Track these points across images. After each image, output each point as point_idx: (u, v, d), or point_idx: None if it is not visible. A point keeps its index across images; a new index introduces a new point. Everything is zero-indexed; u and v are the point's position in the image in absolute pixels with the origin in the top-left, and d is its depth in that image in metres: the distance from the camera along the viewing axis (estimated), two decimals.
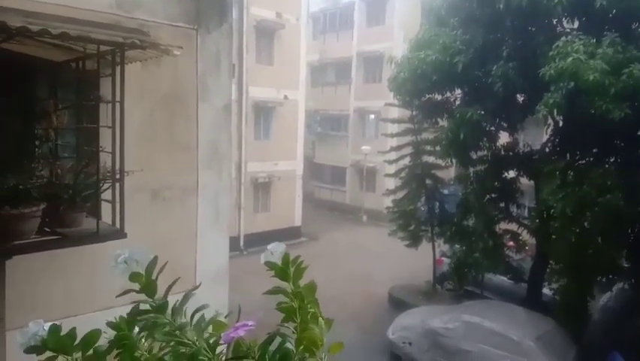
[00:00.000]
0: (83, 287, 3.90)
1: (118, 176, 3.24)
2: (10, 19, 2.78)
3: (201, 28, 4.97)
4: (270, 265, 0.96)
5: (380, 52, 25.15)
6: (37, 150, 3.71)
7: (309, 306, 0.94)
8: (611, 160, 11.18)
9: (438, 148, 14.29)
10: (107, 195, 3.39)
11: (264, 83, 19.98)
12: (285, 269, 0.95)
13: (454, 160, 12.95)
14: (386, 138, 18.81)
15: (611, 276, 11.46)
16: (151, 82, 4.48)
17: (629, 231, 11.18)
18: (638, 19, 9.88)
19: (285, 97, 21.05)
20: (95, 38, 2.98)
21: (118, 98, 3.20)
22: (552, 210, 10.48)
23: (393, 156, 17.03)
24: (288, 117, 21.38)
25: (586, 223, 10.43)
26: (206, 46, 5.04)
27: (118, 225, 3.30)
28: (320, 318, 0.95)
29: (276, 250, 0.96)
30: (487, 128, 12.25)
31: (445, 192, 17.07)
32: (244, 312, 0.95)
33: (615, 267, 11.07)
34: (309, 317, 0.94)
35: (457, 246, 14.03)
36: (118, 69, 3.23)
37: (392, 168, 17.41)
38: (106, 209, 3.51)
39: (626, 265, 11.60)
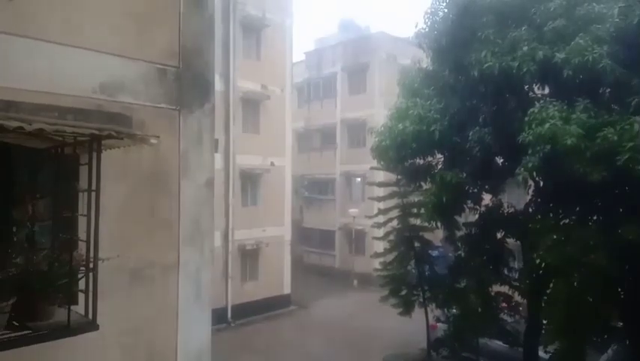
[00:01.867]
0: None
1: (92, 265, 3.19)
2: None
3: (184, 109, 5.06)
4: None
5: (363, 118, 26.01)
6: (12, 238, 3.65)
7: None
8: (594, 219, 11.30)
9: (423, 211, 14.38)
10: (81, 283, 3.31)
11: (251, 151, 20.35)
12: None
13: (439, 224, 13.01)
14: (373, 201, 18.96)
15: (605, 336, 11.23)
16: (133, 163, 4.51)
17: (619, 290, 11.09)
18: (604, 85, 10.38)
19: (272, 163, 21.36)
20: (71, 131, 3.04)
21: (94, 187, 3.20)
22: (540, 271, 10.43)
23: (380, 219, 17.07)
24: (276, 183, 21.60)
25: (575, 283, 10.34)
26: (188, 125, 5.11)
27: (91, 316, 3.19)
28: None
29: None
30: (470, 191, 12.43)
31: (435, 253, 16.97)
32: None
33: (609, 327, 10.87)
34: None
35: (452, 310, 13.74)
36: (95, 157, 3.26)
37: (380, 232, 17.38)
38: (80, 295, 3.42)
39: (619, 325, 11.40)
